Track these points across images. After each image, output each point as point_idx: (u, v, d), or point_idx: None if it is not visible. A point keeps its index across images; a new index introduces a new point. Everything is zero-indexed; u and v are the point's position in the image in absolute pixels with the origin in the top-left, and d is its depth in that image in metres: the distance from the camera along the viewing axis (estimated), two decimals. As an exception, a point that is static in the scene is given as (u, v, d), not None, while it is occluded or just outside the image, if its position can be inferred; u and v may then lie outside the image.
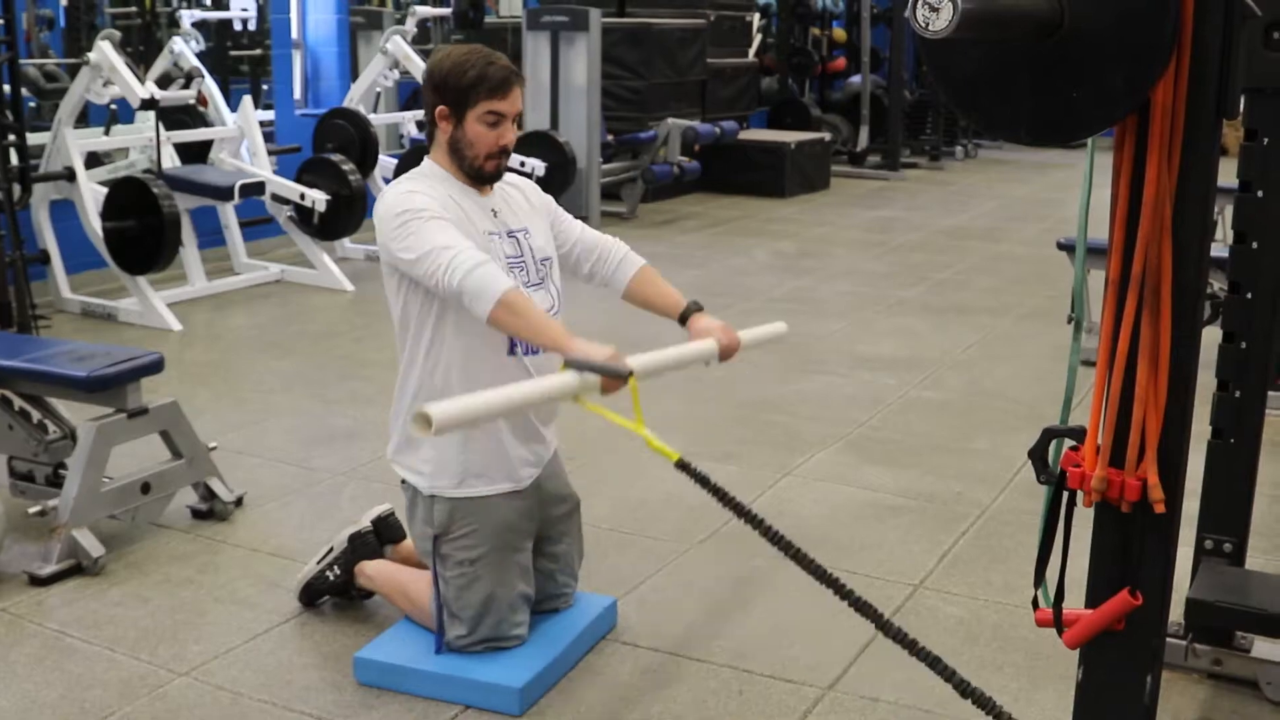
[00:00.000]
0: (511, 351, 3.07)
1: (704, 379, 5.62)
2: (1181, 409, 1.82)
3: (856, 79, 14.57)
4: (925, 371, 5.96)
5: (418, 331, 3.08)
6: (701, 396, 5.49)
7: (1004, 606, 3.56)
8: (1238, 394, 3.06)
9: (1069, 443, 1.93)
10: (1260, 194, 2.95)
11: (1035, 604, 2.06)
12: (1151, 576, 1.88)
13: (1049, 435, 1.99)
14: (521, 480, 3.16)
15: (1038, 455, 1.99)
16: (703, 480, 2.25)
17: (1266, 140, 2.92)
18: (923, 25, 1.40)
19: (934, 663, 2.08)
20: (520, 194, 3.26)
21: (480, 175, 3.09)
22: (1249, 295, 2.99)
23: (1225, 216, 5.07)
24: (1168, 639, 3.22)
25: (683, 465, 2.27)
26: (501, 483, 3.12)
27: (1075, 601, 2.05)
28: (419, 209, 2.91)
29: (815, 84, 15.03)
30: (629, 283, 3.33)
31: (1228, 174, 2.48)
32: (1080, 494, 1.88)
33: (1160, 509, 1.80)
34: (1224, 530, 3.16)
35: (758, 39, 14.25)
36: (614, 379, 2.51)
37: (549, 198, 3.36)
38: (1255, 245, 2.97)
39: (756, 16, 14.12)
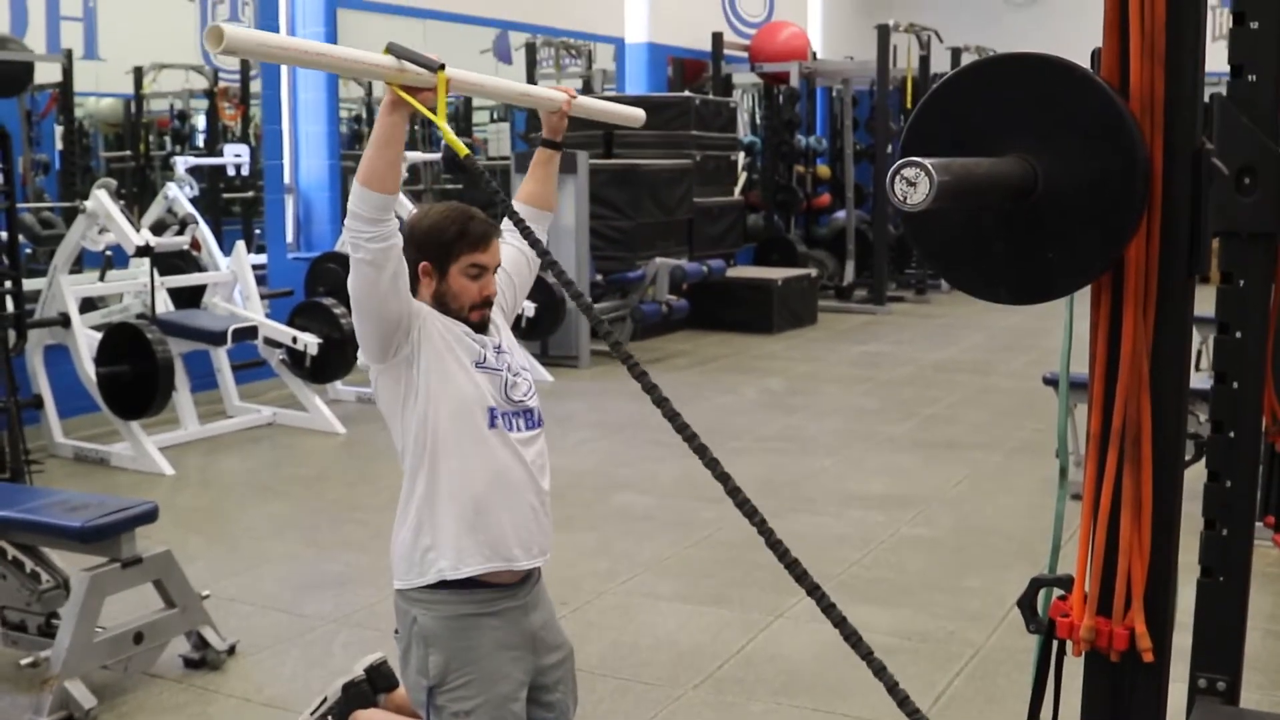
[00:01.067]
0: (492, 425, 3.08)
1: (694, 520, 5.64)
2: (1166, 557, 1.85)
3: (841, 214, 14.78)
4: (916, 509, 5.98)
5: (419, 432, 3.07)
6: (690, 539, 5.50)
7: (1001, 748, 3.56)
8: (1224, 532, 3.07)
9: (1057, 591, 1.96)
10: (1239, 335, 3.00)
11: (1030, 755, 2.07)
12: (1142, 724, 1.90)
13: (1037, 585, 2.01)
14: (516, 560, 3.12)
15: (1026, 604, 2.01)
16: (511, 214, 2.35)
17: (1243, 282, 2.98)
18: (901, 199, 1.46)
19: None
20: (501, 330, 3.30)
21: (466, 325, 3.14)
22: (1231, 434, 3.03)
23: (1208, 347, 5.14)
24: (1165, 781, 3.21)
25: (470, 161, 2.42)
26: (496, 560, 3.09)
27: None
28: None
29: (801, 220, 15.24)
30: (524, 196, 3.48)
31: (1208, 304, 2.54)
32: (1069, 643, 1.90)
33: (1148, 658, 1.83)
34: (1217, 668, 3.15)
35: (743, 177, 14.48)
36: (425, 68, 2.66)
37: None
38: (1236, 385, 3.02)
39: (741, 155, 14.36)
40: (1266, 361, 3.10)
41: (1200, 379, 3.38)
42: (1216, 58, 2.06)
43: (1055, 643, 1.96)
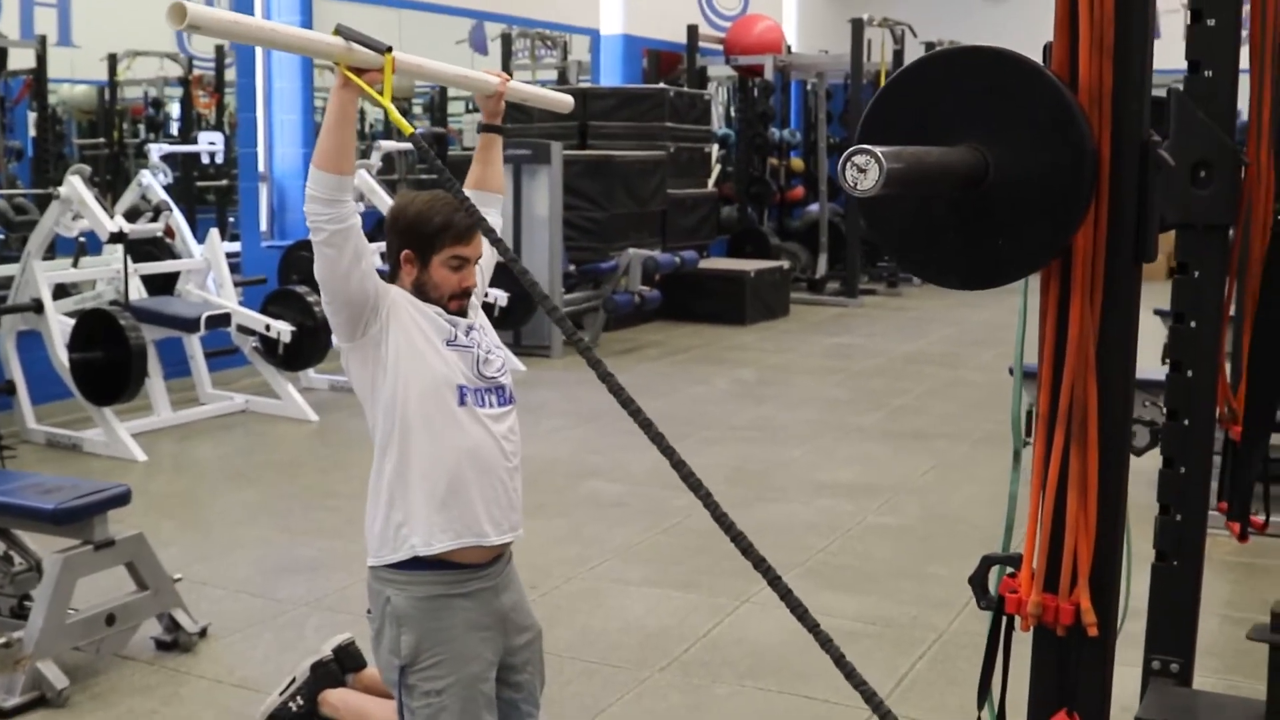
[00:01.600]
0: (461, 402, 3.12)
1: (665, 508, 5.70)
2: (1112, 536, 1.91)
3: (814, 207, 14.85)
4: (883, 497, 6.05)
5: (387, 411, 3.11)
6: (660, 526, 5.55)
7: (961, 730, 3.62)
8: (1179, 517, 3.15)
9: (1008, 570, 2.02)
10: (1193, 324, 3.08)
11: (980, 728, 2.13)
12: (1088, 697, 1.95)
13: (987, 563, 2.07)
14: (486, 535, 3.17)
15: (978, 582, 2.07)
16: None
17: (1197, 273, 3.05)
18: (851, 185, 1.52)
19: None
20: (480, 325, 3.34)
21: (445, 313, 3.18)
22: (1185, 422, 3.10)
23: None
24: (1119, 761, 3.28)
25: (414, 139, 2.43)
26: (467, 536, 3.14)
27: (1019, 723, 2.13)
28: None
29: (774, 212, 15.31)
30: (472, 180, 3.53)
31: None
32: (1018, 618, 1.96)
33: (1093, 632, 1.89)
34: (1171, 651, 3.23)
35: (717, 169, 14.54)
36: (373, 50, 2.75)
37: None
38: (1190, 374, 3.09)
39: (715, 147, 14.42)
40: (1220, 351, 3.17)
41: (1155, 372, 3.45)
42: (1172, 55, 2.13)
43: (1005, 619, 2.01)
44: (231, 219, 10.64)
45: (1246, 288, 3.32)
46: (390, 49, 2.78)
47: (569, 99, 3.75)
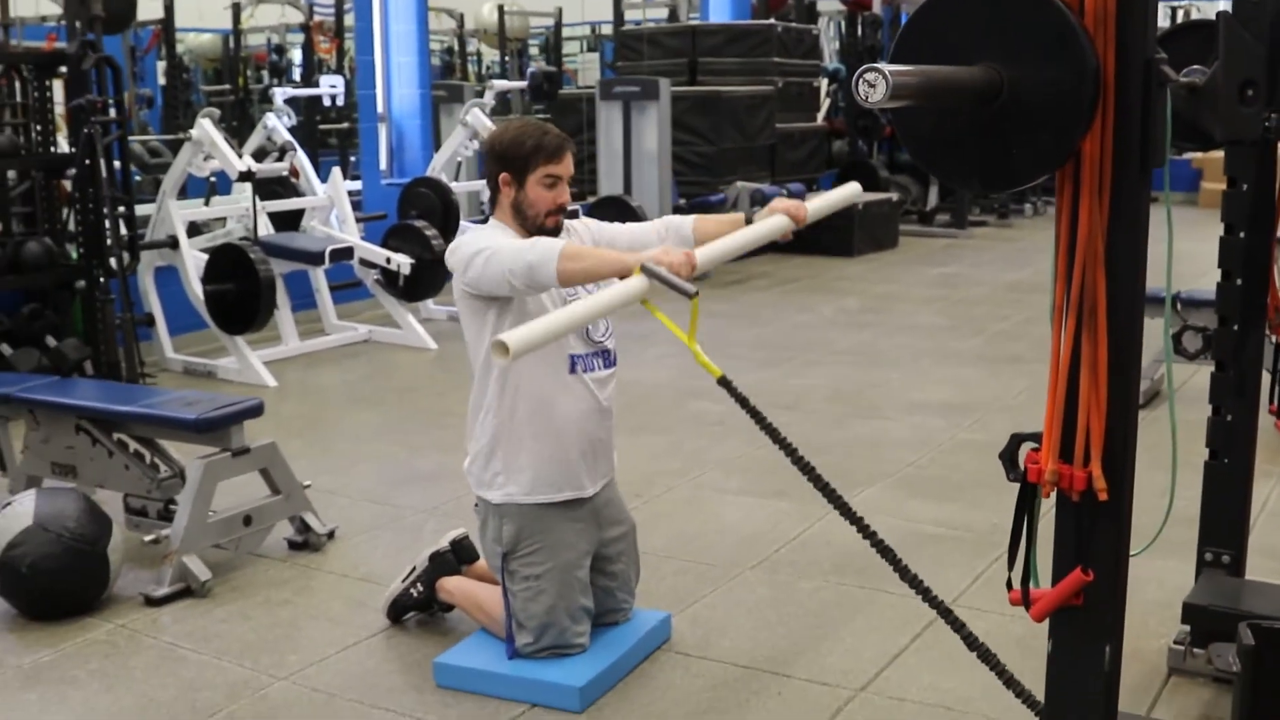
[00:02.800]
0: (572, 370, 3.44)
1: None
2: (1123, 413, 2.15)
3: (925, 140, 14.87)
4: (975, 415, 6.27)
5: (490, 362, 3.43)
6: (760, 440, 5.76)
7: (1029, 622, 3.84)
8: (1229, 418, 3.36)
9: (1031, 445, 2.27)
10: (1242, 235, 3.27)
11: (1009, 585, 2.38)
12: (1102, 556, 2.20)
13: (1016, 440, 2.32)
14: (584, 489, 3.52)
15: (1007, 456, 2.32)
16: (743, 400, 2.60)
17: (1245, 186, 3.25)
18: (863, 98, 1.77)
19: (975, 645, 2.39)
20: (569, 236, 3.64)
21: (541, 230, 3.48)
22: (1235, 327, 3.31)
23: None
24: (1172, 647, 3.52)
25: (725, 382, 2.65)
26: (566, 490, 3.49)
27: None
28: (485, 243, 3.30)
29: (884, 146, 15.36)
30: (693, 233, 3.62)
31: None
32: (1039, 488, 2.21)
33: (1103, 497, 2.13)
34: (1222, 544, 3.46)
35: (826, 103, 14.64)
36: (681, 293, 2.81)
37: (589, 221, 3.71)
38: (1239, 282, 3.29)
39: (825, 81, 14.52)
40: (1270, 260, 3.38)
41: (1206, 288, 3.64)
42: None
43: (1029, 488, 2.26)
44: (352, 159, 11.05)
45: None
46: (697, 293, 2.82)
47: (856, 186, 3.68)
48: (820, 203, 3.53)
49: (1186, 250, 5.32)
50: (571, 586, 3.51)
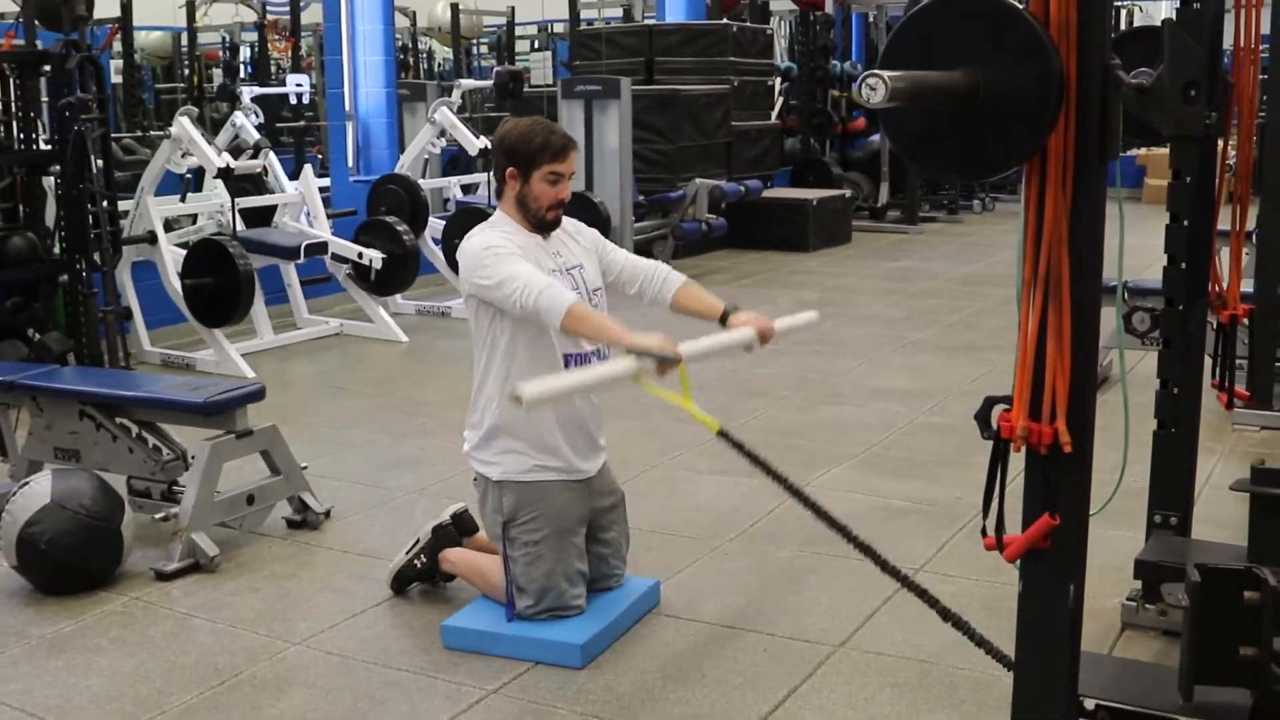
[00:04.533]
0: (567, 366, 3.69)
1: (732, 410, 6.25)
2: (1084, 376, 2.42)
3: (876, 138, 15.22)
4: (933, 400, 6.57)
5: (493, 348, 3.69)
6: (729, 425, 6.05)
7: (992, 584, 4.14)
8: (1175, 390, 3.66)
9: (1003, 406, 2.54)
10: (1186, 223, 3.57)
11: (984, 532, 2.65)
12: (1067, 502, 2.47)
13: (989, 402, 2.59)
14: (586, 467, 3.80)
15: (981, 417, 2.59)
16: (739, 446, 2.89)
17: (1189, 179, 3.55)
18: (865, 99, 2.04)
19: (942, 610, 2.67)
20: (572, 238, 3.90)
21: (543, 224, 3.75)
22: (1180, 308, 3.61)
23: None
24: (1125, 603, 3.83)
25: (723, 434, 2.94)
26: (562, 475, 3.76)
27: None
28: (497, 248, 3.56)
29: (836, 143, 15.68)
30: (674, 296, 3.99)
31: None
32: (1011, 444, 2.49)
33: (1068, 449, 2.40)
34: (1170, 507, 3.76)
35: (779, 102, 14.93)
36: (665, 364, 3.21)
37: (595, 233, 4.00)
38: (1183, 266, 3.59)
39: (778, 80, 14.81)
40: (1211, 246, 3.68)
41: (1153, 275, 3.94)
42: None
43: (1001, 444, 2.53)
44: (320, 157, 11.21)
45: (1235, 191, 3.82)
46: (680, 359, 3.23)
47: (814, 314, 4.10)
48: (787, 324, 3.92)
49: (1133, 244, 5.61)
50: (568, 552, 3.77)
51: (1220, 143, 3.59)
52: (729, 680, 3.59)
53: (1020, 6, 2.29)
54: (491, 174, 3.85)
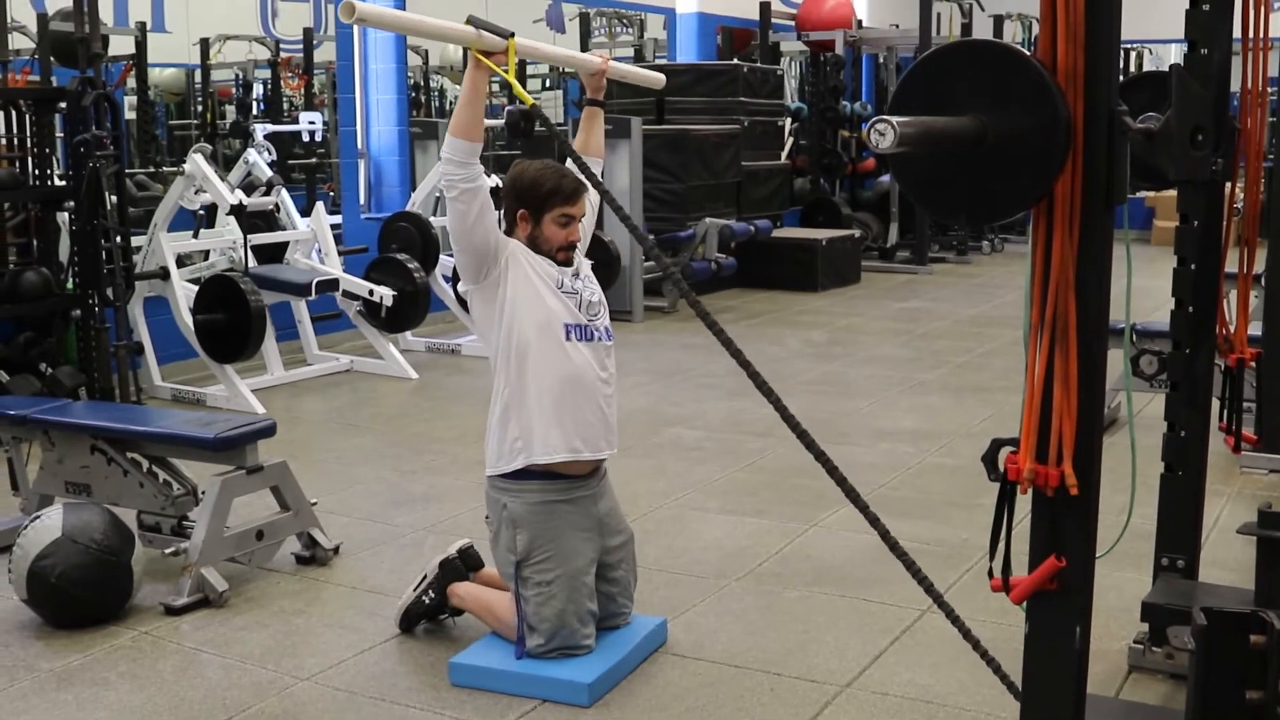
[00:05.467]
0: (568, 338, 3.74)
1: (740, 450, 6.27)
2: (1090, 420, 2.44)
3: (886, 178, 15.30)
4: (941, 442, 6.58)
5: (506, 347, 3.73)
6: (736, 465, 6.12)
7: (999, 625, 4.13)
8: (1182, 434, 3.68)
9: (1010, 449, 2.55)
10: (1193, 267, 3.59)
11: (990, 574, 2.66)
12: (1073, 544, 2.48)
13: (996, 444, 2.61)
14: (581, 453, 3.78)
15: (989, 460, 2.61)
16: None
17: (1196, 223, 3.57)
18: (874, 144, 2.07)
19: (968, 635, 2.66)
20: (583, 273, 3.94)
21: (553, 264, 3.79)
22: (1187, 350, 3.62)
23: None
24: (1132, 646, 3.83)
25: (536, 111, 3.32)
26: (577, 449, 3.76)
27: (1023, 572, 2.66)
28: None
29: (846, 184, 15.74)
30: (579, 143, 4.15)
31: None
32: (1017, 486, 2.50)
33: (1074, 492, 2.42)
34: (1177, 550, 3.77)
35: (790, 142, 15.01)
36: (498, 36, 3.41)
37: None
38: (1191, 310, 3.61)
39: (788, 121, 14.89)
40: (1219, 290, 3.70)
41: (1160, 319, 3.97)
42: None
43: (1008, 486, 2.55)
44: (330, 195, 11.27)
45: (1243, 235, 3.84)
46: (513, 34, 3.42)
47: (661, 76, 4.37)
48: (628, 69, 4.41)
49: (1141, 285, 5.65)
50: (580, 591, 3.78)
51: (1228, 187, 3.62)
52: (736, 720, 3.60)
53: (1028, 53, 2.32)
54: (502, 214, 3.86)
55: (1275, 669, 2.59)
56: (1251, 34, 3.56)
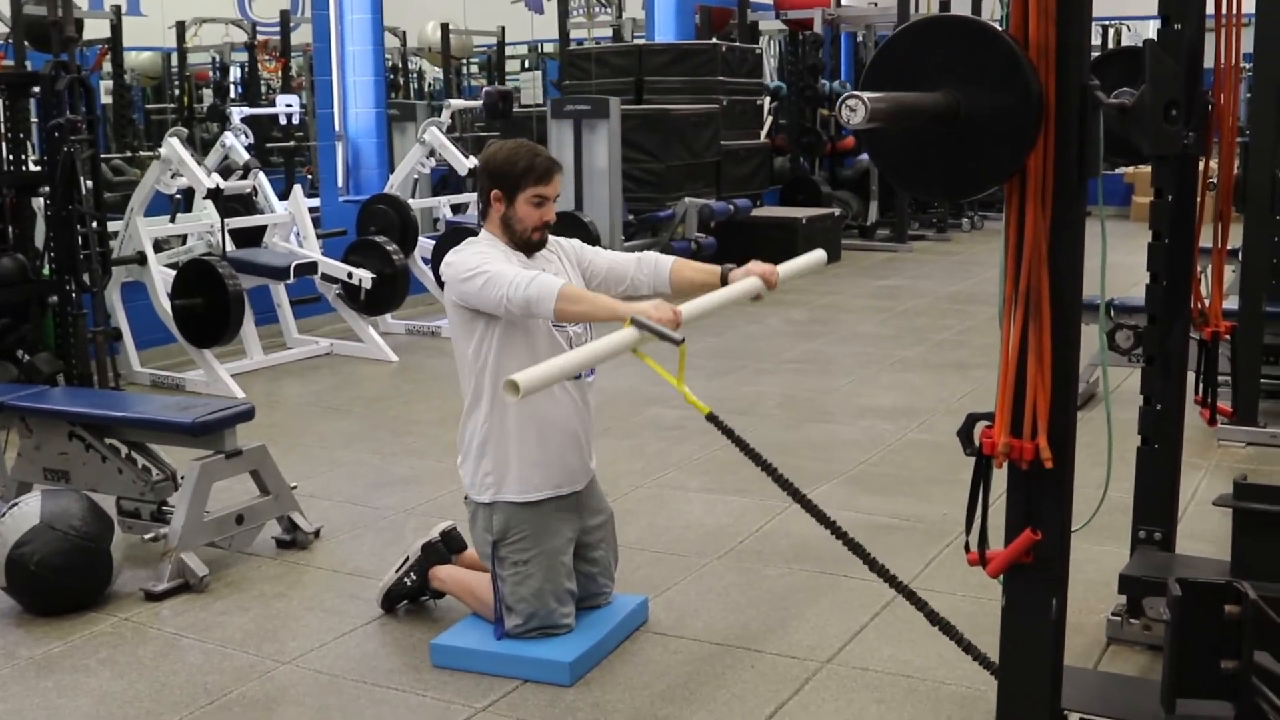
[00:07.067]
0: None
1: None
2: (1064, 393, 2.45)
3: (865, 157, 15.27)
4: (921, 418, 6.60)
5: (481, 371, 3.71)
6: (719, 442, 6.05)
7: (979, 600, 4.16)
8: (1159, 407, 3.69)
9: (985, 424, 2.56)
10: (1167, 241, 3.60)
11: (967, 548, 2.67)
12: (1048, 517, 2.50)
13: (972, 419, 2.62)
14: (576, 482, 3.80)
15: (964, 434, 2.62)
16: (729, 432, 2.92)
17: (1170, 197, 3.58)
18: (846, 120, 2.07)
19: (934, 619, 2.69)
20: (554, 254, 3.92)
21: (528, 244, 3.77)
22: (1162, 324, 3.64)
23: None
24: (1110, 618, 3.85)
25: (712, 418, 3.09)
26: (549, 489, 3.77)
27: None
28: (483, 255, 3.60)
29: (825, 162, 15.72)
30: (671, 278, 3.94)
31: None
32: (993, 460, 2.51)
33: (1049, 465, 2.43)
34: (1154, 522, 3.79)
35: (769, 121, 14.98)
36: (669, 341, 3.22)
37: (575, 242, 4.01)
38: (1165, 283, 3.62)
39: (767, 100, 14.86)
40: (1193, 264, 3.71)
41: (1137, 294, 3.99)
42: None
43: (984, 460, 2.56)
44: (309, 177, 11.23)
45: (1217, 208, 3.85)
46: (683, 339, 3.20)
47: (823, 254, 4.15)
48: (790, 267, 3.91)
49: (1120, 261, 5.68)
50: (557, 571, 3.78)
51: (1201, 161, 3.63)
52: (717, 697, 3.61)
53: (999, 28, 2.32)
54: (476, 195, 3.85)
55: (1250, 639, 2.60)
56: (1225, 9, 3.56)
